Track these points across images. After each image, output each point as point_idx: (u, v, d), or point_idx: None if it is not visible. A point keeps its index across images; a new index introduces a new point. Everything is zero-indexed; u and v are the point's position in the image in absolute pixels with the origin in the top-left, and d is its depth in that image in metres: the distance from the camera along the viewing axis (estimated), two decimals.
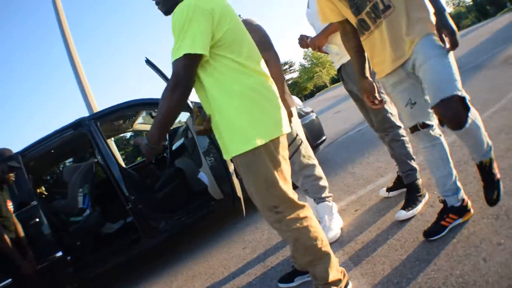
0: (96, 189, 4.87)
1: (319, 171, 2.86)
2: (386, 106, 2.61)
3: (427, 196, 2.56)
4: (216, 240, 4.05)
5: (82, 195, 4.43)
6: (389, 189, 2.90)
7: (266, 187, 1.77)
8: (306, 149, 2.82)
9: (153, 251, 4.85)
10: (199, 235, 4.58)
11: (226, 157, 1.87)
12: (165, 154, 5.67)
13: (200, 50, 1.62)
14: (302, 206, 1.86)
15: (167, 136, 5.37)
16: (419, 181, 2.59)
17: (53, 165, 5.98)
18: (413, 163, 2.61)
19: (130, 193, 3.82)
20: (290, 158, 2.04)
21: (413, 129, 2.11)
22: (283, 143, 1.81)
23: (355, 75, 2.49)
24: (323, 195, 2.85)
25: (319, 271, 1.86)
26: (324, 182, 2.87)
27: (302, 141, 2.78)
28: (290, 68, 71.10)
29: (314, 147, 4.35)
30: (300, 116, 4.28)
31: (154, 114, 4.96)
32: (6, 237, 3.12)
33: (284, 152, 1.82)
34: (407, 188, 2.57)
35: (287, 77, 60.48)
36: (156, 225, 3.93)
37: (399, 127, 2.63)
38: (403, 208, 2.44)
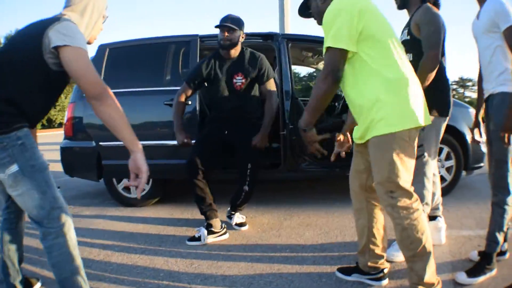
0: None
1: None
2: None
3: (493, 272, 2.27)
4: (343, 204, 3.92)
5: None
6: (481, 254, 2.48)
7: (388, 171, 1.83)
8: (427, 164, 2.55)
9: (282, 184, 5.04)
10: (329, 193, 4.55)
11: (360, 140, 2.00)
12: (336, 104, 5.34)
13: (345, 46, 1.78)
14: (416, 198, 1.90)
15: None
16: (497, 256, 2.33)
17: None
18: (499, 236, 2.29)
19: (290, 121, 3.83)
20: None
21: None
22: (414, 136, 1.86)
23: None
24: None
25: (417, 268, 1.89)
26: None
27: (424, 154, 2.52)
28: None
29: (469, 169, 4.10)
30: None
31: None
32: None
33: (414, 144, 1.87)
34: (481, 256, 2.36)
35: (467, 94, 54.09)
36: (300, 162, 3.94)
37: (510, 193, 2.26)
38: (467, 272, 2.24)
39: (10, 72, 1.72)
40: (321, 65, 5.78)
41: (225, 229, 3.22)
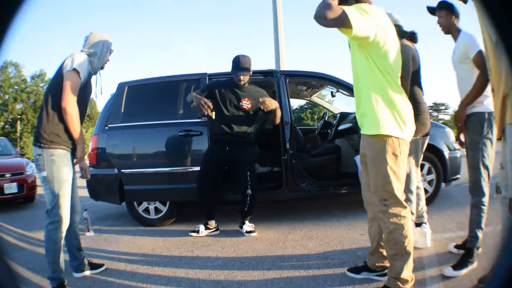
0: (261, 133, 5.11)
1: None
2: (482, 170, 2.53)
3: (474, 264, 2.49)
4: (339, 217, 4.23)
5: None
6: (457, 246, 2.85)
7: (384, 181, 2.04)
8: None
9: (284, 203, 5.21)
10: (326, 207, 4.81)
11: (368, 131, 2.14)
12: (328, 131, 5.67)
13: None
14: (405, 207, 2.08)
15: (337, 116, 5.45)
16: (477, 250, 2.54)
17: None
18: (479, 233, 2.53)
19: (290, 147, 4.04)
20: None
21: None
22: (406, 149, 2.09)
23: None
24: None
25: (397, 265, 2.09)
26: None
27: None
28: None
29: (447, 181, 4.42)
30: (449, 148, 4.38)
31: (334, 93, 5.12)
32: None
33: (404, 157, 2.07)
34: (464, 251, 2.59)
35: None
36: (300, 182, 4.14)
37: (484, 195, 2.52)
38: (453, 266, 2.47)
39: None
40: (314, 98, 6.08)
41: (217, 227, 3.91)
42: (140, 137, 4.24)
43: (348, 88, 4.34)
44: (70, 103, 2.51)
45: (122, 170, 4.19)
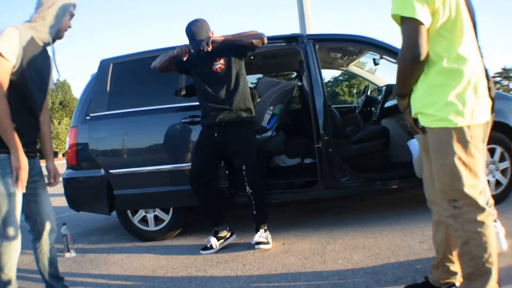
0: (286, 116, 5.23)
1: None
2: None
3: None
4: (390, 220, 4.22)
5: (270, 115, 4.76)
6: None
7: (450, 177, 1.99)
8: None
9: (319, 204, 5.24)
10: (373, 207, 4.82)
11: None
12: (372, 109, 5.65)
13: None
14: (483, 210, 2.00)
15: (383, 90, 5.45)
16: None
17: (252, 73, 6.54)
18: None
19: (324, 132, 4.06)
20: None
21: None
22: (479, 134, 2.00)
23: None
24: None
25: (474, 287, 2.02)
26: None
27: None
28: None
29: None
30: None
31: (377, 61, 5.12)
32: None
33: (479, 144, 1.99)
34: None
35: None
36: (339, 177, 4.17)
37: None
38: None
39: None
40: (351, 67, 6.09)
41: (231, 231, 4.01)
42: (132, 127, 4.30)
43: (394, 54, 4.30)
44: None
45: (111, 171, 4.26)
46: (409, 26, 1.92)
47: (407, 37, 1.94)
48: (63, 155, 62.05)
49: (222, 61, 3.77)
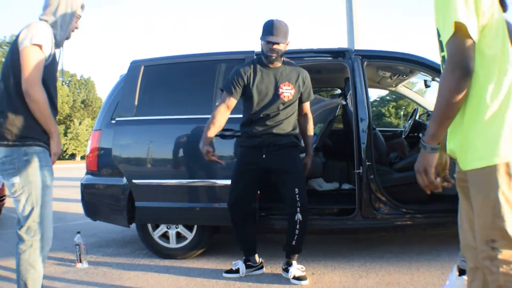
0: (327, 136, 5.05)
1: None
2: None
3: None
4: (429, 257, 4.08)
5: None
6: None
7: (492, 216, 1.79)
8: None
9: (354, 233, 5.08)
10: (412, 241, 4.70)
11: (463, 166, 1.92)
12: (420, 135, 5.48)
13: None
14: None
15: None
16: None
17: None
18: None
19: (366, 157, 3.88)
20: None
21: None
22: None
23: None
24: None
25: None
26: None
27: None
28: None
29: None
30: None
31: (428, 83, 4.95)
32: None
33: None
34: None
35: None
36: (378, 207, 3.97)
37: None
38: None
39: None
40: (400, 88, 5.91)
41: (262, 263, 3.80)
42: (160, 136, 4.18)
43: None
44: (33, 85, 2.49)
45: (134, 181, 4.11)
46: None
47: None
48: (82, 157, 61.99)
49: (291, 89, 3.53)
